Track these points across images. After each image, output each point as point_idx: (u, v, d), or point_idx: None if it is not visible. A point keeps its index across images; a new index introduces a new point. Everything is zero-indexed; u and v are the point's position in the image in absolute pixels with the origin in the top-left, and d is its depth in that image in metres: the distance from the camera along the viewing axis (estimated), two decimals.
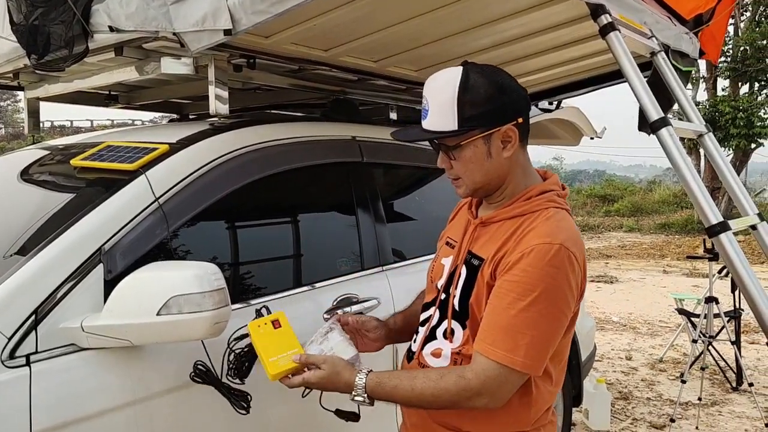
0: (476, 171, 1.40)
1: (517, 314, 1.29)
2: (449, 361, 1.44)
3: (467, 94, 1.34)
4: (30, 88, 2.65)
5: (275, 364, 1.41)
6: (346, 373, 1.39)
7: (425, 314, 1.57)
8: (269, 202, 2.22)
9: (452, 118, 1.35)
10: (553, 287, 1.29)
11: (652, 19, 2.27)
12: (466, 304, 1.42)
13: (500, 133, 1.38)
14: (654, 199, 22.24)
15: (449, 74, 1.37)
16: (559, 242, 1.30)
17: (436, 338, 1.49)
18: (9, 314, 1.43)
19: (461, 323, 1.44)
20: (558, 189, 1.46)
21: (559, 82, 3.25)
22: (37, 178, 2.22)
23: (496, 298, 1.34)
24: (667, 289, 9.24)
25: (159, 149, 1.86)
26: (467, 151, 1.38)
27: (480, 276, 1.39)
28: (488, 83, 1.36)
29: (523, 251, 1.31)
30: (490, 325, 1.33)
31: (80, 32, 1.96)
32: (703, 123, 2.22)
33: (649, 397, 4.81)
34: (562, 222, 1.37)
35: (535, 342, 1.30)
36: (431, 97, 1.39)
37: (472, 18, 2.24)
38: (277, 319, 1.49)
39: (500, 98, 1.37)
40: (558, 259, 1.29)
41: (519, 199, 1.43)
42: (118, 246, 1.62)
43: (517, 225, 1.39)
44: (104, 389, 1.50)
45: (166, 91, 2.74)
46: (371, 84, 2.88)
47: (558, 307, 1.31)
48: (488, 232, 1.45)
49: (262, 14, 1.74)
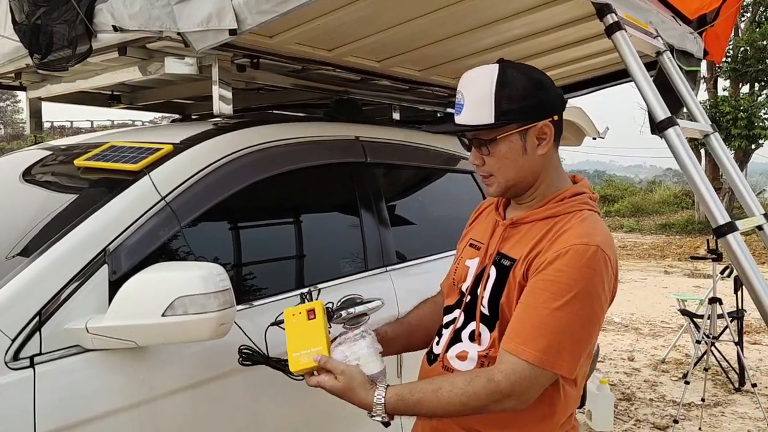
0: (510, 167, 1.38)
1: (551, 313, 1.25)
2: (475, 364, 1.41)
3: (505, 88, 1.32)
4: (32, 88, 2.64)
5: (297, 360, 1.39)
6: (362, 391, 1.33)
7: (448, 317, 1.53)
8: (273, 202, 2.21)
9: (489, 112, 1.33)
10: (589, 288, 1.26)
11: (657, 18, 2.26)
12: (495, 305, 1.38)
13: (536, 129, 1.36)
14: (654, 199, 22.25)
15: (485, 70, 1.36)
16: (596, 244, 1.28)
17: (461, 341, 1.45)
18: (13, 315, 1.41)
19: (489, 326, 1.40)
20: (589, 192, 1.45)
21: (563, 82, 3.24)
22: (41, 179, 2.21)
23: (529, 296, 1.30)
24: (668, 289, 9.23)
25: (163, 149, 1.85)
26: (502, 145, 1.36)
27: (512, 276, 1.36)
28: (526, 79, 1.35)
29: (560, 251, 1.28)
30: (522, 324, 1.29)
31: (83, 32, 1.95)
32: (709, 123, 2.21)
33: (652, 398, 4.80)
34: (597, 224, 1.36)
35: (569, 343, 1.26)
36: (467, 92, 1.37)
37: (477, 17, 2.23)
38: (313, 309, 1.44)
39: (537, 94, 1.36)
40: (594, 261, 1.27)
41: (552, 200, 1.41)
42: (123, 247, 1.60)
43: (550, 226, 1.36)
44: (109, 391, 1.49)
45: (169, 92, 2.73)
46: (374, 84, 2.87)
47: (593, 308, 1.28)
48: (519, 233, 1.42)
49: (267, 14, 1.73)
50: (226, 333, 1.52)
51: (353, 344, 1.42)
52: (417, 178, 2.93)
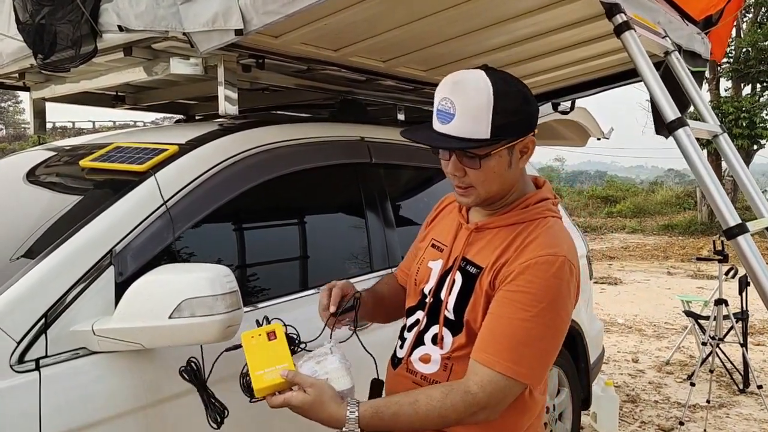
0: (495, 181, 1.36)
1: (521, 324, 1.27)
2: (438, 366, 1.41)
3: (501, 101, 1.28)
4: (36, 89, 2.63)
5: (261, 378, 1.28)
6: (333, 405, 1.25)
7: (411, 319, 1.52)
8: (278, 203, 2.20)
9: (485, 126, 1.28)
10: (558, 299, 1.29)
11: (665, 18, 2.25)
12: (460, 312, 1.38)
13: (521, 144, 1.36)
14: (656, 200, 22.21)
15: (477, 79, 1.30)
16: (563, 254, 1.30)
17: (424, 344, 1.45)
18: (18, 318, 1.40)
19: (452, 330, 1.40)
20: (552, 197, 1.45)
21: (570, 82, 3.22)
22: (46, 180, 2.20)
23: (499, 306, 1.31)
24: (671, 290, 9.21)
25: (169, 150, 1.84)
26: (493, 161, 1.33)
27: (478, 285, 1.36)
28: (515, 92, 1.32)
29: (528, 261, 1.29)
30: (493, 335, 1.30)
31: (88, 32, 1.94)
32: (717, 123, 2.19)
33: (657, 400, 4.78)
34: (561, 233, 1.38)
35: (540, 353, 1.30)
36: (458, 100, 1.29)
37: (484, 17, 2.22)
38: (273, 331, 1.36)
39: (527, 108, 1.35)
40: (562, 271, 1.29)
41: (517, 207, 1.41)
42: (129, 248, 1.59)
43: (515, 233, 1.37)
44: (115, 393, 1.47)
45: (174, 92, 2.72)
46: (379, 84, 2.86)
47: (561, 318, 1.31)
48: (484, 239, 1.42)
49: (273, 14, 1.72)
50: (233, 335, 1.51)
51: (323, 359, 1.34)
52: (422, 178, 2.92)
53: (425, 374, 1.43)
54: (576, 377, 3.30)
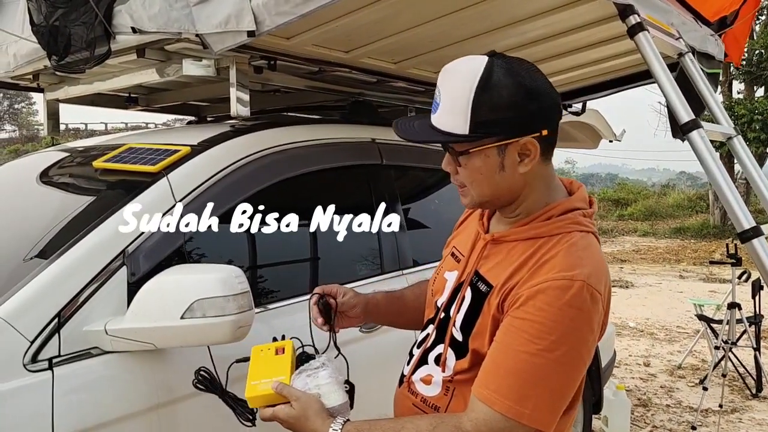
0: (484, 183, 1.21)
1: (528, 359, 1.10)
2: (440, 389, 1.29)
3: (486, 93, 1.13)
4: (49, 90, 2.65)
5: (254, 388, 1.27)
6: (317, 420, 1.19)
7: (422, 333, 1.40)
8: (289, 204, 2.20)
9: (463, 120, 1.14)
10: (573, 331, 1.11)
11: (678, 20, 2.24)
12: (467, 332, 1.24)
13: (518, 145, 1.17)
14: (668, 203, 22.06)
15: (471, 65, 1.16)
16: (582, 279, 1.11)
17: (427, 363, 1.33)
18: (32, 317, 1.41)
19: (457, 351, 1.27)
20: (585, 206, 1.26)
21: (582, 84, 3.21)
22: (60, 180, 2.21)
23: (505, 335, 1.15)
24: (684, 294, 9.14)
25: (181, 151, 1.85)
26: (476, 159, 1.19)
27: (486, 305, 1.21)
28: (515, 85, 1.14)
29: (540, 285, 1.12)
30: (496, 368, 1.14)
31: (102, 33, 1.95)
32: (731, 125, 2.18)
33: (669, 404, 4.75)
34: (586, 251, 1.17)
35: (547, 393, 1.11)
36: (444, 89, 1.18)
37: (496, 19, 2.21)
38: (283, 348, 1.36)
39: (526, 105, 1.15)
40: (580, 299, 1.10)
41: (538, 218, 1.23)
42: (142, 248, 1.60)
43: (533, 249, 1.19)
44: (127, 393, 1.48)
45: (186, 93, 2.74)
46: (390, 86, 2.86)
47: (577, 353, 1.12)
48: (500, 253, 1.25)
49: (285, 15, 1.72)
50: (244, 336, 1.51)
51: (314, 374, 1.30)
52: (433, 180, 2.91)
53: (425, 396, 1.31)
54: (587, 381, 3.28)
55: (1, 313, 1.38)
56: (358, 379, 1.39)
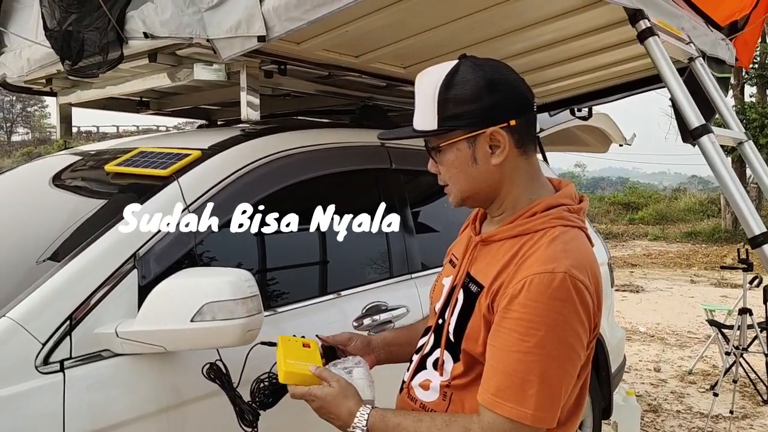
0: (460, 177, 1.26)
1: (521, 358, 1.12)
2: (438, 395, 1.30)
3: (451, 90, 1.20)
4: (62, 94, 2.68)
5: (292, 365, 1.33)
6: (352, 401, 1.26)
7: (423, 339, 1.41)
8: (299, 208, 2.21)
9: (432, 116, 1.22)
10: (560, 323, 1.11)
11: (689, 24, 2.23)
12: (460, 334, 1.26)
13: (486, 136, 1.21)
14: (679, 207, 21.94)
15: (440, 68, 1.24)
16: (563, 270, 1.12)
17: (425, 368, 1.35)
18: (44, 320, 1.43)
19: (453, 355, 1.28)
20: (571, 202, 1.27)
21: (592, 88, 3.21)
22: (72, 184, 2.23)
23: (496, 339, 1.16)
24: (695, 299, 9.08)
25: (191, 155, 1.86)
26: (449, 154, 1.25)
27: (477, 306, 1.23)
28: (477, 78, 1.20)
29: (523, 281, 1.13)
30: (494, 372, 1.15)
31: (115, 38, 1.97)
32: (742, 130, 2.17)
33: (679, 410, 4.72)
34: (569, 243, 1.18)
35: (546, 389, 1.12)
36: (417, 93, 1.27)
37: (506, 23, 2.22)
38: (309, 344, 1.42)
39: (488, 96, 1.20)
40: (563, 290, 1.11)
41: (522, 215, 1.25)
42: (153, 251, 1.61)
43: (517, 247, 1.21)
44: (137, 396, 1.49)
45: (197, 97, 2.76)
46: (399, 90, 2.87)
47: (568, 344, 1.13)
48: (489, 253, 1.27)
49: (295, 21, 1.73)
50: (252, 340, 1.52)
51: (351, 369, 1.36)
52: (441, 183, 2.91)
53: (424, 402, 1.33)
54: (597, 386, 3.26)
55: (14, 316, 1.40)
56: None
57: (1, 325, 1.38)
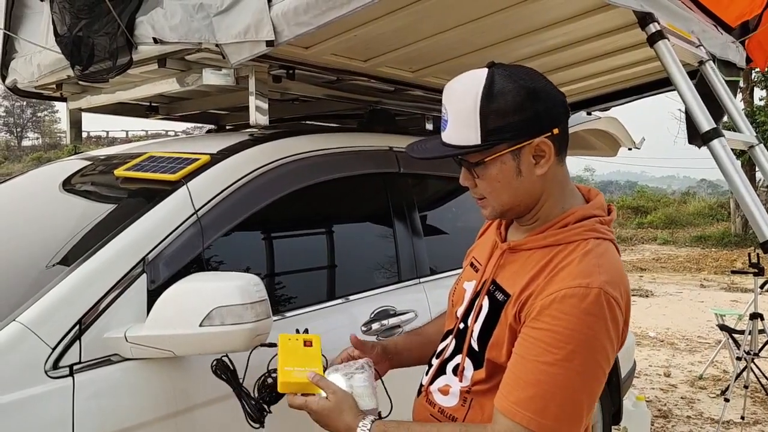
0: (503, 191, 1.22)
1: (546, 369, 1.10)
2: (457, 400, 1.29)
3: (492, 101, 1.15)
4: (72, 99, 2.69)
5: (289, 374, 1.30)
6: (350, 415, 1.23)
7: (443, 343, 1.39)
8: (308, 213, 2.21)
9: (474, 131, 1.16)
10: (590, 339, 1.10)
11: (699, 27, 2.22)
12: (485, 342, 1.24)
13: (531, 147, 1.18)
14: (689, 211, 21.81)
15: (472, 78, 1.19)
16: (598, 285, 1.11)
17: (445, 373, 1.33)
18: (53, 324, 1.43)
19: (475, 362, 1.27)
20: (602, 214, 1.26)
21: (601, 91, 3.19)
22: (82, 188, 2.24)
23: (522, 347, 1.15)
24: (705, 303, 9.02)
25: (200, 160, 1.87)
26: (493, 168, 1.20)
27: (503, 315, 1.21)
28: (517, 88, 1.16)
29: (555, 294, 1.12)
30: (516, 380, 1.14)
31: (124, 44, 1.98)
32: (753, 134, 2.15)
33: (690, 416, 4.68)
34: (602, 258, 1.17)
35: (569, 403, 1.11)
36: (450, 105, 1.21)
37: (515, 27, 2.21)
38: (311, 341, 1.39)
39: (532, 106, 1.16)
40: (596, 306, 1.10)
41: (554, 225, 1.23)
42: (162, 256, 1.61)
43: (549, 257, 1.19)
44: (146, 400, 1.49)
45: (205, 102, 2.76)
46: (408, 94, 2.86)
47: (596, 362, 1.12)
48: (517, 261, 1.26)
49: (304, 26, 1.73)
50: (260, 344, 1.52)
51: (351, 375, 1.32)
52: (450, 188, 2.91)
53: (443, 407, 1.32)
54: (607, 391, 3.24)
55: (24, 320, 1.40)
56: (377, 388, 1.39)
57: (11, 330, 1.38)
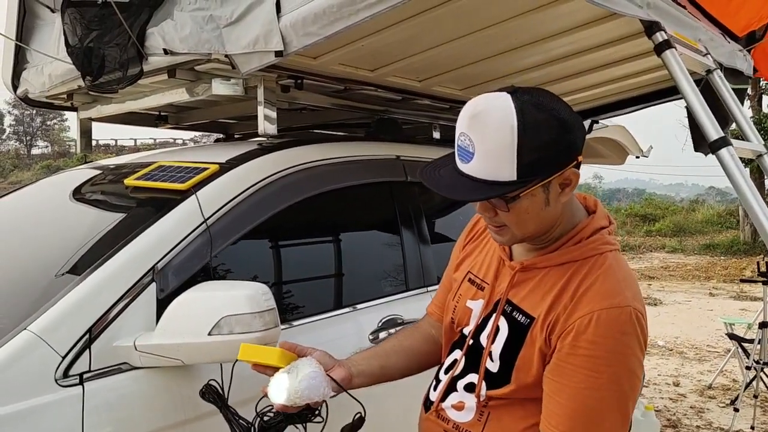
0: (530, 222, 1.18)
1: (592, 395, 1.12)
2: (474, 414, 1.27)
3: (527, 134, 1.09)
4: (83, 109, 2.72)
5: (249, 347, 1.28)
6: None
7: (449, 359, 1.37)
8: (315, 222, 2.22)
9: (510, 166, 1.09)
10: (629, 357, 1.13)
11: (706, 36, 2.22)
12: (508, 364, 1.22)
13: (561, 178, 1.15)
14: (697, 218, 21.72)
15: (498, 107, 1.11)
16: (628, 304, 1.13)
17: (456, 390, 1.31)
18: (63, 333, 1.44)
19: (491, 382, 1.25)
20: (608, 224, 1.26)
21: (608, 100, 3.20)
22: (92, 198, 2.26)
23: (563, 376, 1.14)
24: (714, 312, 8.96)
25: (209, 169, 1.88)
26: (524, 202, 1.15)
27: (530, 338, 1.19)
28: (549, 119, 1.11)
29: (590, 317, 1.12)
30: (562, 410, 1.14)
31: (135, 55, 2.00)
32: (761, 142, 2.15)
33: (699, 425, 4.64)
34: (622, 272, 1.19)
35: (619, 418, 1.14)
36: (477, 137, 1.11)
37: (521, 37, 2.22)
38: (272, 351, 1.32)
39: (564, 138, 1.13)
40: (630, 325, 1.12)
41: (568, 242, 1.22)
42: (171, 265, 1.62)
43: (569, 275, 1.19)
44: (155, 409, 1.50)
45: (214, 112, 2.78)
46: (415, 103, 2.88)
47: (636, 375, 1.15)
48: (531, 280, 1.24)
49: (312, 36, 1.75)
50: None
51: (293, 366, 1.28)
52: None
53: (458, 423, 1.30)
54: None
55: (34, 329, 1.41)
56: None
57: (21, 338, 1.39)
